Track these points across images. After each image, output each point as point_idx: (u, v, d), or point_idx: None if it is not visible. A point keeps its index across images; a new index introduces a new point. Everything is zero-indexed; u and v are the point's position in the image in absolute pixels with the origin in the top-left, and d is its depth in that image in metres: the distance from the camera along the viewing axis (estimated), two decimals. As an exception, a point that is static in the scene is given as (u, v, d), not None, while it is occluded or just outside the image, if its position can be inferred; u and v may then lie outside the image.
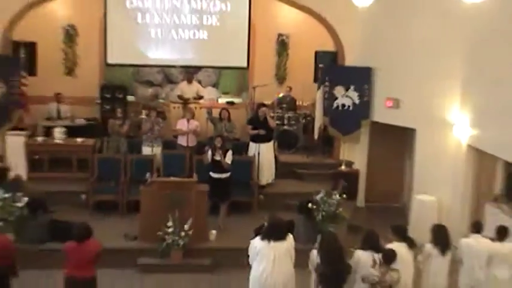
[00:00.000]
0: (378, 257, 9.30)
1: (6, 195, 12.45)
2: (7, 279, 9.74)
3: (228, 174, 14.05)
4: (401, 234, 9.87)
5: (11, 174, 14.51)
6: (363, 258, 9.42)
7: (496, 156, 12.67)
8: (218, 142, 14.05)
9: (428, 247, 10.12)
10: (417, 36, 14.54)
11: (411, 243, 9.84)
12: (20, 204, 12.44)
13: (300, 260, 9.69)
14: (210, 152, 13.96)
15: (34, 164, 15.83)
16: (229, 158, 14.06)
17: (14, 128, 15.67)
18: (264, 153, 15.46)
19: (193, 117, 16.06)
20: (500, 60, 12.25)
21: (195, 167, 14.76)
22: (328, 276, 8.87)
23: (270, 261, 9.42)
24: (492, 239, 10.28)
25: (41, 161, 15.94)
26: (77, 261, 9.53)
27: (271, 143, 15.78)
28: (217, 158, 13.84)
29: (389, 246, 9.47)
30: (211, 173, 13.94)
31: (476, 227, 10.43)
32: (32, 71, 16.37)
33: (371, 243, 9.58)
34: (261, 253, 9.48)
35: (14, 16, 15.61)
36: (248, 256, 9.69)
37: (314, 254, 9.42)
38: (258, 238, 9.68)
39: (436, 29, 14.11)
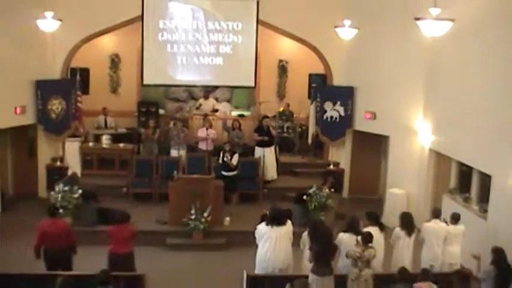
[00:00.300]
0: (357, 238, 9.49)
1: (66, 188, 12.67)
2: (70, 256, 9.97)
3: (235, 172, 14.28)
4: (374, 219, 10.03)
5: (69, 172, 14.72)
6: (345, 239, 9.62)
7: (450, 157, 12.84)
8: (227, 147, 14.39)
9: (397, 230, 10.27)
10: (388, 61, 14.68)
11: (382, 227, 10.00)
12: (76, 195, 12.63)
13: (297, 241, 9.86)
14: (221, 155, 14.21)
15: (86, 164, 16.03)
16: (235, 160, 14.31)
17: (72, 136, 15.86)
18: (267, 155, 15.57)
19: (210, 126, 16.16)
20: (452, 81, 12.48)
21: (212, 166, 14.89)
22: (319, 253, 8.98)
23: (272, 242, 9.59)
24: (447, 223, 10.44)
25: (91, 161, 16.14)
26: (118, 240, 9.80)
27: (272, 147, 15.90)
28: (226, 159, 14.10)
29: (366, 229, 9.65)
30: (222, 172, 14.20)
31: (435, 213, 10.57)
32: (85, 90, 16.41)
33: (352, 227, 9.78)
34: (266, 236, 9.63)
35: (73, 48, 15.76)
36: (255, 238, 9.86)
37: (305, 236, 9.61)
38: (263, 223, 9.82)
39: (402, 56, 14.23)
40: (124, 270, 9.41)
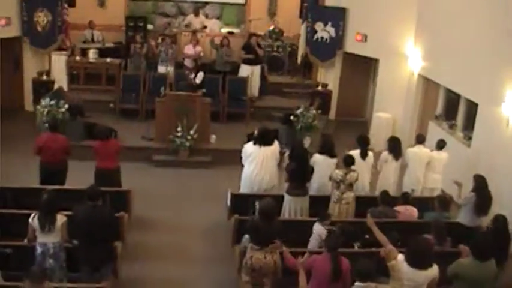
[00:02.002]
0: (333, 161, 9.59)
1: (52, 102, 12.59)
2: (66, 170, 10.09)
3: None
4: (360, 144, 10.05)
5: (55, 86, 14.53)
6: (318, 160, 9.69)
7: (439, 83, 12.87)
8: (190, 64, 14.44)
9: (385, 154, 10.37)
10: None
11: (363, 154, 9.95)
12: (62, 110, 12.56)
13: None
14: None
15: (73, 78, 15.83)
16: (199, 78, 14.39)
17: (58, 49, 15.59)
18: (254, 74, 15.56)
19: (197, 43, 16.01)
20: (445, 7, 12.38)
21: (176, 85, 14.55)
22: (294, 174, 9.10)
23: (259, 162, 9.64)
24: (431, 150, 10.57)
25: (78, 75, 15.94)
26: (103, 155, 9.86)
27: (258, 66, 15.84)
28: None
29: (351, 152, 9.74)
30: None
31: (420, 139, 10.63)
32: (71, 3, 16.11)
33: (327, 149, 9.82)
34: (252, 155, 9.67)
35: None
36: (241, 157, 9.91)
37: (285, 156, 9.69)
38: (250, 143, 9.84)
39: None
40: (110, 185, 9.50)
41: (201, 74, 14.38)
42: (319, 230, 8.07)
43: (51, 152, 9.77)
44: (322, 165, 9.63)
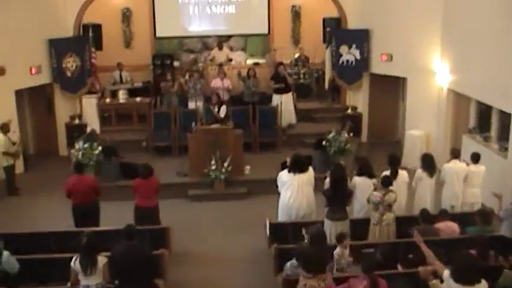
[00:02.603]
0: (373, 181, 9.53)
1: (86, 145, 12.76)
2: (97, 211, 10.18)
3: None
4: (391, 164, 9.95)
5: (88, 129, 14.73)
6: (359, 183, 9.68)
7: (469, 96, 12.76)
8: (214, 98, 14.47)
9: (419, 171, 10.28)
10: (403, 1, 14.49)
11: (394, 173, 9.84)
12: (96, 152, 12.73)
13: (319, 187, 9.83)
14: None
15: (104, 120, 16.13)
16: (222, 112, 14.39)
17: (88, 92, 15.90)
18: (285, 102, 15.56)
19: (225, 76, 16.16)
20: (470, 19, 12.29)
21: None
22: (333, 198, 9.07)
23: (295, 189, 9.66)
24: (467, 163, 10.46)
25: (109, 117, 16.23)
26: (143, 193, 9.93)
27: (290, 94, 15.86)
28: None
29: (384, 173, 9.71)
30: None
31: (455, 153, 10.56)
32: (99, 46, 16.44)
33: (365, 170, 9.82)
34: (288, 183, 9.69)
35: (84, 4, 15.62)
36: (277, 186, 9.92)
37: (327, 181, 9.66)
38: (285, 171, 9.86)
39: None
40: (150, 223, 9.59)
41: (223, 108, 14.48)
42: (335, 252, 8.01)
43: (80, 193, 9.91)
44: (363, 186, 9.60)
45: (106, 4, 17.44)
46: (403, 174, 9.97)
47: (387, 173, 9.66)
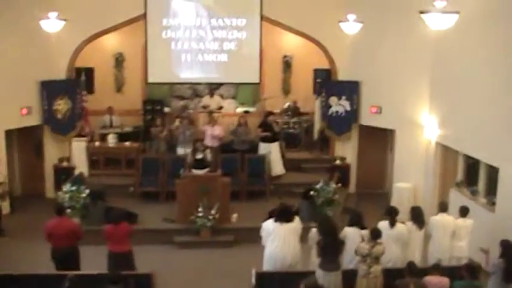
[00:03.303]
0: (364, 232, 9.50)
1: (73, 187, 12.71)
2: (77, 255, 10.03)
3: (207, 170, 14.05)
4: (390, 214, 9.93)
5: (76, 172, 14.72)
6: (349, 233, 9.63)
7: (457, 150, 12.84)
8: (199, 145, 14.47)
9: (409, 224, 10.23)
10: (393, 55, 14.67)
11: (392, 222, 9.92)
12: (83, 195, 12.69)
13: (305, 236, 9.79)
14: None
15: (93, 163, 16.07)
16: (207, 156, 14.39)
17: (78, 135, 15.91)
18: (273, 151, 15.63)
19: (215, 123, 16.23)
20: (457, 75, 12.47)
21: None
22: (326, 248, 8.98)
23: (281, 239, 9.58)
24: (456, 218, 10.43)
25: (98, 160, 16.16)
26: (114, 239, 9.84)
27: (277, 143, 15.91)
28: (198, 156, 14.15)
29: (379, 224, 9.65)
30: (193, 169, 13.95)
31: (442, 207, 10.54)
32: (90, 90, 16.56)
33: (356, 222, 9.82)
34: (274, 232, 9.62)
35: (77, 48, 15.77)
36: (261, 237, 9.85)
37: (313, 232, 9.61)
38: (271, 220, 9.81)
39: (407, 50, 14.23)
40: (124, 268, 9.41)
41: (207, 152, 14.53)
42: None
43: (59, 236, 9.79)
44: (354, 237, 9.53)
45: (99, 48, 17.55)
46: (397, 226, 9.92)
47: (382, 224, 9.64)
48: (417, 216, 10.21)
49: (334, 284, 8.94)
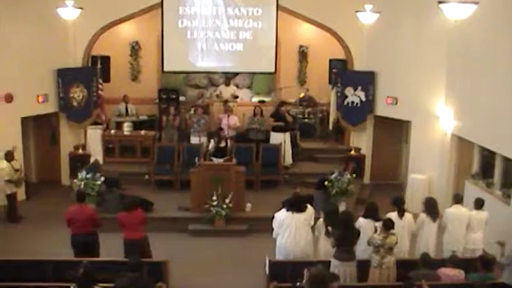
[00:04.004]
0: (378, 224, 9.48)
1: (88, 175, 12.79)
2: (96, 242, 10.16)
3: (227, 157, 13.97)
4: (397, 205, 9.96)
5: (91, 159, 14.85)
6: (363, 224, 9.65)
7: (473, 142, 12.75)
8: (222, 133, 14.56)
9: (422, 216, 10.22)
10: (409, 46, 14.59)
11: (400, 213, 9.86)
12: (98, 182, 12.76)
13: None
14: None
15: (108, 151, 16.15)
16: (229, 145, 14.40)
17: (93, 123, 16.02)
18: (284, 141, 15.59)
19: (231, 113, 16.23)
20: (475, 66, 12.35)
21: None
22: (342, 238, 9.00)
23: (292, 228, 9.63)
24: (470, 210, 10.37)
25: (113, 148, 16.23)
26: (129, 226, 9.91)
27: (288, 133, 15.81)
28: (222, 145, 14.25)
29: (388, 215, 9.62)
30: (212, 157, 13.91)
31: (457, 199, 10.50)
32: (106, 78, 16.56)
33: (371, 213, 9.81)
34: (286, 222, 9.67)
35: (93, 36, 15.90)
36: (273, 229, 9.88)
37: (320, 223, 9.61)
38: (283, 210, 9.85)
39: (423, 40, 14.14)
40: (140, 255, 9.46)
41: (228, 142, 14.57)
42: None
43: (79, 223, 9.90)
44: (367, 228, 9.53)
45: (115, 37, 17.57)
46: (406, 216, 9.91)
47: (391, 214, 9.61)
48: (431, 208, 10.18)
49: (349, 274, 8.99)
